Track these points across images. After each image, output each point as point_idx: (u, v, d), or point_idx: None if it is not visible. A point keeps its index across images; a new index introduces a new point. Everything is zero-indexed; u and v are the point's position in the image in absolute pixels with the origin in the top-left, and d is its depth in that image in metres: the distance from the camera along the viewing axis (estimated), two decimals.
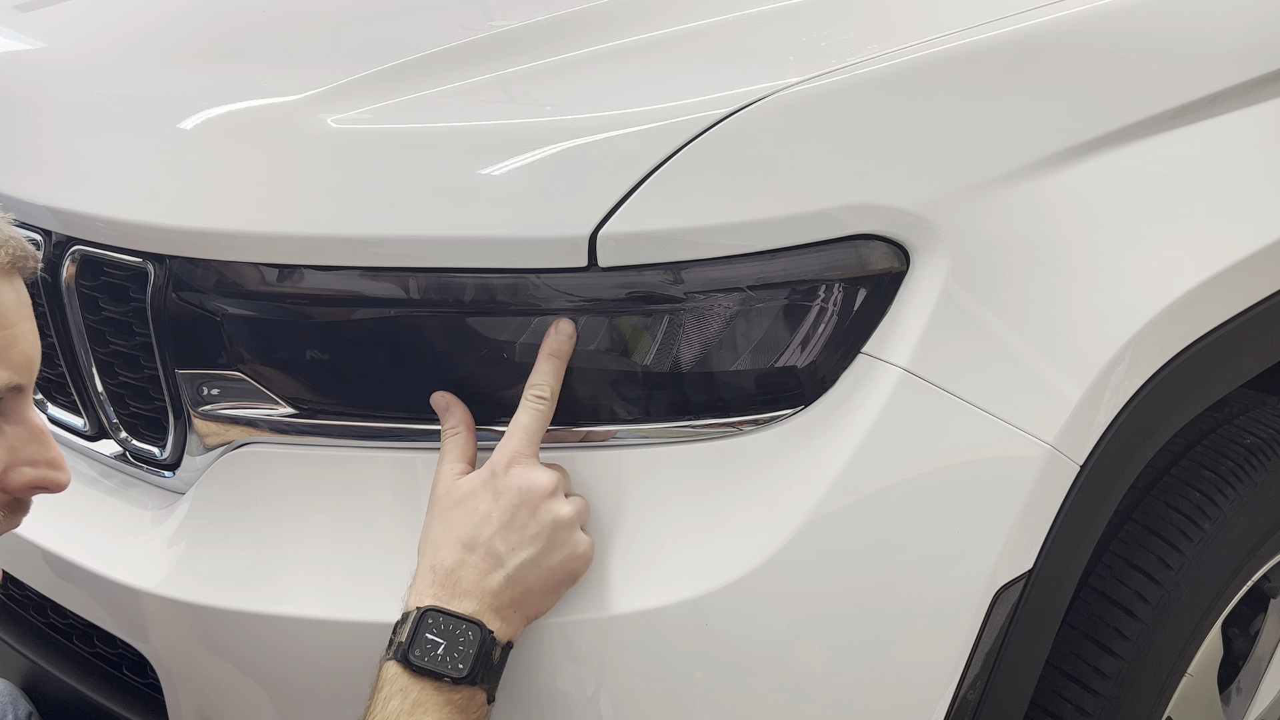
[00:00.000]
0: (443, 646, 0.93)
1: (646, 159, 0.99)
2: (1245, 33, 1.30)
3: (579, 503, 1.01)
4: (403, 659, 0.94)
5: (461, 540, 0.97)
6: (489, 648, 0.95)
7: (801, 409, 1.03)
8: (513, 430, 1.00)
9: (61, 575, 1.21)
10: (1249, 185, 1.25)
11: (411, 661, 0.93)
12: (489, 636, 0.95)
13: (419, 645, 0.93)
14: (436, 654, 0.93)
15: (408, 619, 0.95)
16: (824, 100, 1.04)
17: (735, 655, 1.01)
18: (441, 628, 0.94)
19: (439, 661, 0.93)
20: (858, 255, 1.03)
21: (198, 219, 1.07)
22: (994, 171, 1.08)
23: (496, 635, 0.96)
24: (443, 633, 0.94)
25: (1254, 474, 1.33)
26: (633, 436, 1.04)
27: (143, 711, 1.24)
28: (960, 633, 1.06)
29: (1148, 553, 1.26)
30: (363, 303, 1.04)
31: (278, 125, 1.10)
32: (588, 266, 0.99)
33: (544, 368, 1.00)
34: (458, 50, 1.17)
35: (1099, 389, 1.08)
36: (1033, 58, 1.15)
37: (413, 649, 0.93)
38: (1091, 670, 1.23)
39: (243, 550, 1.10)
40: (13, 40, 1.42)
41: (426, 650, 0.93)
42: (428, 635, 0.94)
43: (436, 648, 0.93)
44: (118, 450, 1.23)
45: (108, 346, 1.18)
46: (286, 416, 1.09)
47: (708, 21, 1.20)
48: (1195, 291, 1.14)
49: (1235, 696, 1.55)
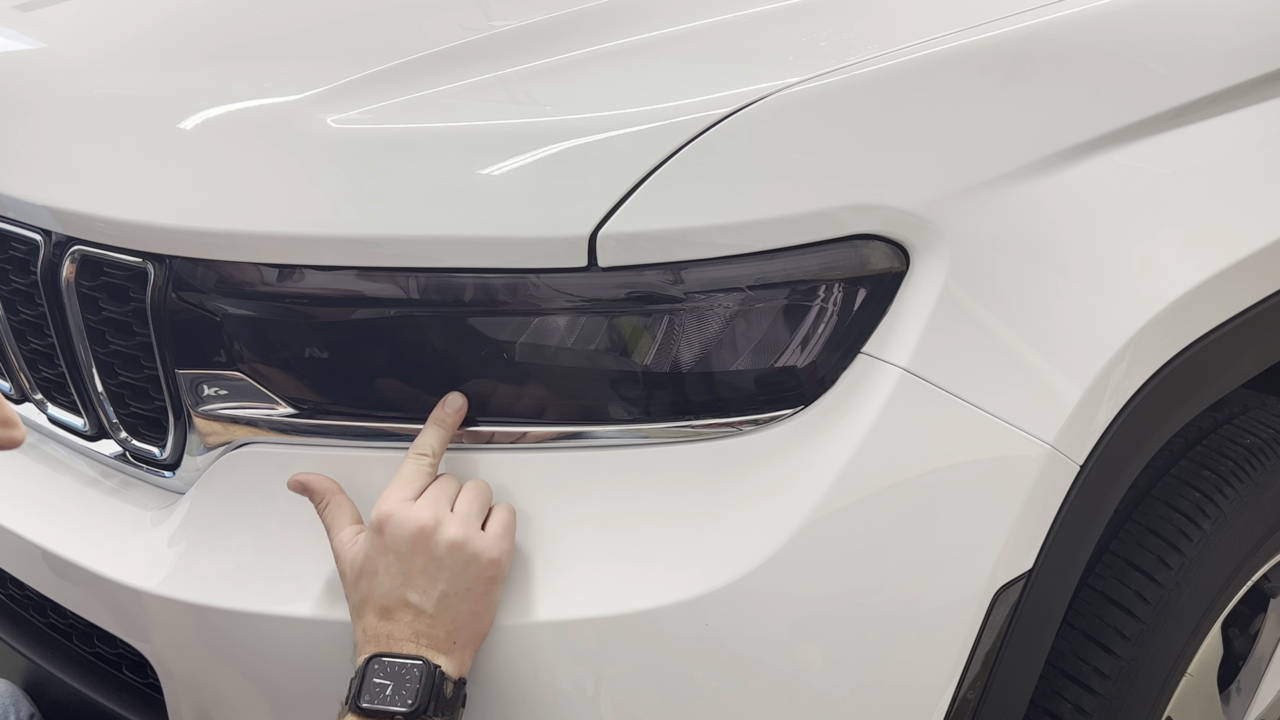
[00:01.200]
0: (390, 687, 0.96)
1: (646, 159, 0.99)
2: (1245, 33, 1.30)
3: (462, 511, 1.01)
4: (354, 707, 0.97)
5: (378, 606, 0.99)
6: (438, 681, 0.97)
7: (801, 409, 1.03)
8: (392, 483, 1.02)
9: (61, 575, 1.21)
10: (1249, 185, 1.25)
11: (363, 707, 0.96)
12: (435, 670, 0.97)
13: (369, 690, 0.96)
14: (385, 694, 0.96)
15: (357, 671, 0.98)
16: (824, 100, 1.04)
17: (735, 655, 1.01)
18: (388, 670, 0.97)
19: (387, 699, 0.96)
20: (857, 255, 1.03)
21: (198, 219, 1.07)
22: (994, 171, 1.08)
23: (444, 669, 0.98)
24: (389, 674, 0.97)
25: (1254, 474, 1.33)
26: (633, 436, 1.04)
27: (143, 711, 1.24)
28: (960, 633, 1.06)
29: (1148, 553, 1.26)
30: (362, 303, 1.04)
31: (278, 125, 1.10)
32: (587, 266, 0.99)
33: (430, 432, 1.03)
34: (458, 50, 1.17)
35: (1099, 389, 1.08)
36: (1033, 58, 1.15)
37: (363, 695, 0.96)
38: (1091, 670, 1.23)
39: (243, 550, 1.10)
40: (13, 40, 1.42)
41: (375, 693, 0.96)
42: (375, 680, 0.97)
43: (385, 689, 0.96)
44: (118, 450, 1.23)
45: (108, 346, 1.18)
46: (286, 416, 1.09)
47: (707, 21, 1.20)
48: (1195, 291, 1.14)
49: (1235, 696, 1.55)
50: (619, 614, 1.00)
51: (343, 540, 1.03)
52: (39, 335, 1.26)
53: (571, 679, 1.02)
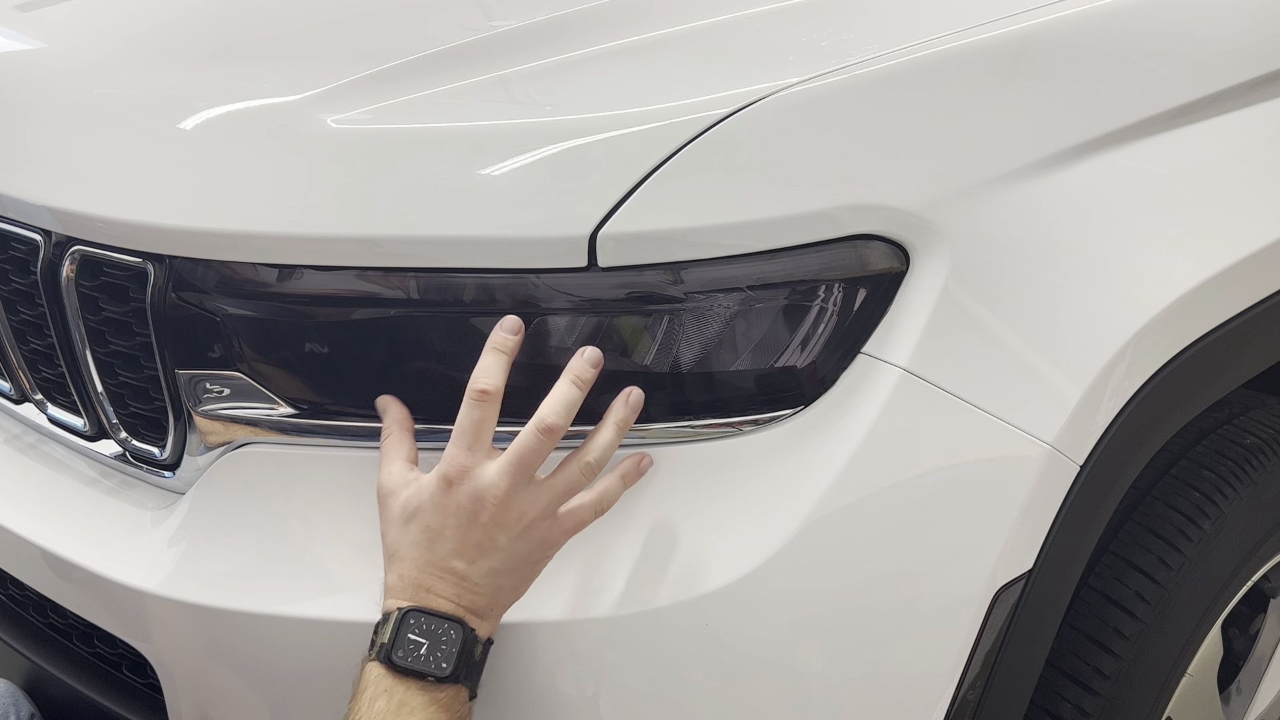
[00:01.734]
0: (425, 646, 0.93)
1: (646, 159, 0.99)
2: (1245, 33, 1.30)
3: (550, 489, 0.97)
4: (386, 660, 0.93)
5: (421, 561, 0.96)
6: (470, 645, 0.95)
7: (801, 409, 1.04)
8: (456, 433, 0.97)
9: (61, 575, 1.20)
10: (1249, 185, 1.25)
11: (395, 662, 0.93)
12: (470, 634, 0.95)
13: (402, 646, 0.93)
14: (420, 654, 0.93)
15: (389, 620, 0.95)
16: (824, 100, 1.04)
17: (735, 655, 1.01)
18: (423, 628, 0.94)
19: (423, 661, 0.93)
20: (858, 255, 1.03)
21: (198, 219, 1.07)
22: (994, 172, 1.08)
23: (477, 633, 0.96)
24: (425, 632, 0.94)
25: (1254, 474, 1.33)
26: (633, 437, 1.04)
27: (143, 711, 1.24)
28: (960, 633, 1.06)
29: (1148, 553, 1.26)
30: (362, 303, 1.04)
31: (278, 125, 1.10)
32: (588, 267, 0.99)
33: (490, 363, 0.97)
34: (458, 50, 1.17)
35: (1099, 389, 1.08)
36: (1032, 58, 1.15)
37: (395, 649, 0.93)
38: (1091, 670, 1.23)
39: (243, 550, 1.10)
40: (13, 40, 1.42)
41: (410, 650, 0.93)
42: (410, 635, 0.94)
43: (419, 648, 0.93)
44: (118, 450, 1.23)
45: (108, 346, 1.18)
46: (286, 416, 1.09)
47: (707, 22, 1.20)
48: (1195, 291, 1.14)
49: (1235, 696, 1.55)
50: (619, 614, 1.00)
51: (394, 474, 0.99)
52: (39, 335, 1.26)
53: (571, 679, 1.02)
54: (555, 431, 0.96)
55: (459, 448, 0.97)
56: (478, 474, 0.96)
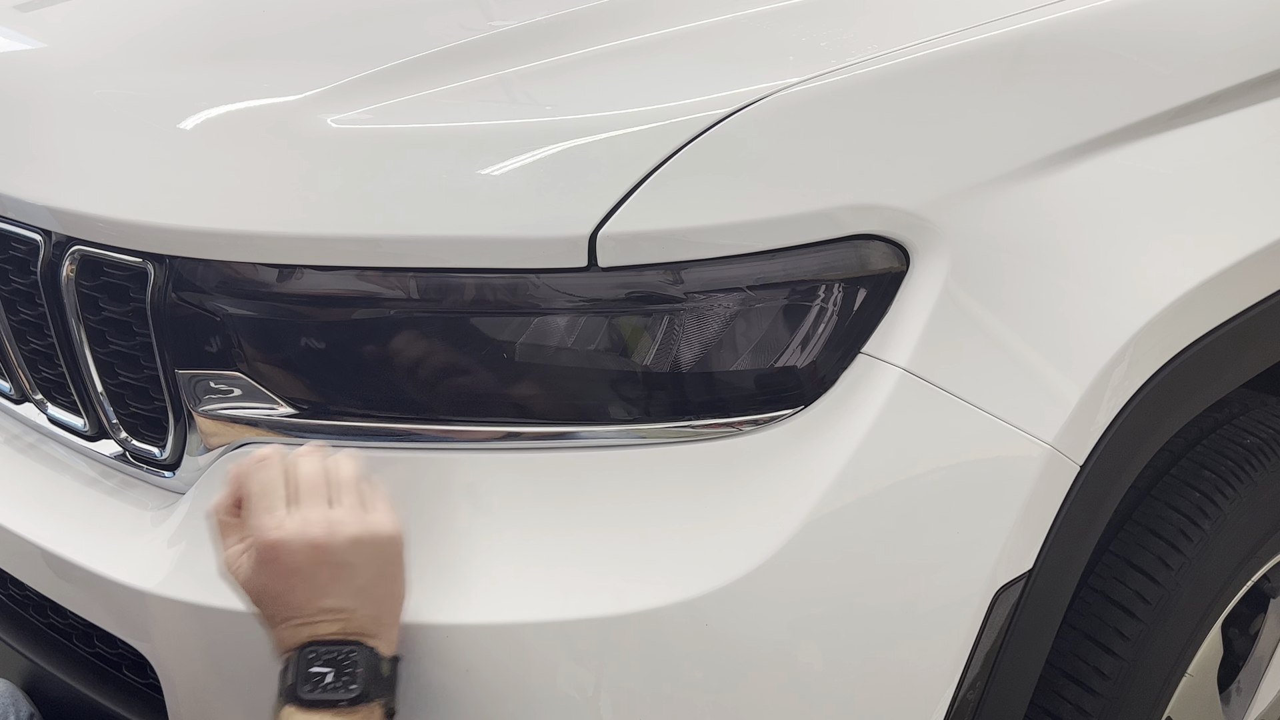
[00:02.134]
0: (331, 674, 0.93)
1: (646, 159, 0.99)
2: (1245, 33, 1.30)
3: (346, 502, 0.97)
4: (293, 698, 0.93)
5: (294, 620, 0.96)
6: (375, 662, 0.95)
7: (801, 409, 1.03)
8: (253, 507, 0.98)
9: (62, 575, 1.20)
10: (1249, 185, 1.25)
11: (303, 698, 0.93)
12: (372, 651, 0.95)
13: (306, 680, 0.93)
14: (325, 683, 0.93)
15: (289, 663, 0.95)
16: (824, 100, 1.04)
17: (735, 655, 1.01)
18: (325, 657, 0.94)
19: (330, 689, 0.93)
20: (858, 255, 1.03)
21: (197, 219, 1.07)
22: (994, 171, 1.08)
23: (378, 650, 0.96)
24: (328, 661, 0.94)
25: (1254, 474, 1.33)
26: (632, 436, 1.04)
27: (143, 711, 1.24)
28: (960, 633, 1.06)
29: (1148, 553, 1.26)
30: (363, 303, 1.04)
31: (278, 125, 1.10)
32: (587, 267, 0.99)
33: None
34: (458, 50, 1.17)
35: (1099, 389, 1.08)
36: (1032, 58, 1.15)
37: (301, 686, 0.93)
38: (1091, 670, 1.23)
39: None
40: (13, 40, 1.42)
41: (315, 683, 0.93)
42: (312, 670, 0.93)
43: (323, 677, 0.93)
44: (118, 450, 1.23)
45: (108, 346, 1.18)
46: (287, 416, 1.09)
47: (707, 22, 1.20)
48: (1195, 291, 1.14)
49: (1235, 696, 1.55)
50: (619, 614, 1.00)
51: (232, 555, 0.99)
52: (39, 335, 1.26)
53: (571, 679, 1.02)
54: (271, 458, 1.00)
55: (260, 521, 0.97)
56: (290, 535, 0.95)
